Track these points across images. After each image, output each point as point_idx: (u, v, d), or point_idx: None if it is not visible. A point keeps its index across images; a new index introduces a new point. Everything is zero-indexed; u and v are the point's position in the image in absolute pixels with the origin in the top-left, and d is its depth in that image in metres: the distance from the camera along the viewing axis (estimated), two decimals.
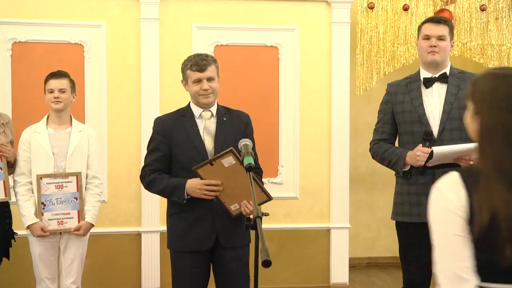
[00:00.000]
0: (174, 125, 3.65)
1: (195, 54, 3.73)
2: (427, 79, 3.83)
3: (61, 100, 4.20)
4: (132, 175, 5.48)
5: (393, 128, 3.92)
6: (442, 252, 1.89)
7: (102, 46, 5.51)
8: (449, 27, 3.82)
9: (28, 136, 4.24)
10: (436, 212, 1.93)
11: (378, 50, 5.87)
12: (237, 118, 3.72)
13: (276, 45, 5.71)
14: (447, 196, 1.91)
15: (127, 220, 5.56)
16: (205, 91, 3.63)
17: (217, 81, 3.68)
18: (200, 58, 3.64)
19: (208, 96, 3.65)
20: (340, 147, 5.76)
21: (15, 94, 5.37)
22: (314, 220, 5.77)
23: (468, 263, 1.86)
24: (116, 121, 5.54)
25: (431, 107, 3.79)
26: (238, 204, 3.47)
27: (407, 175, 3.78)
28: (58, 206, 4.18)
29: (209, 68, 3.62)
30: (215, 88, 3.65)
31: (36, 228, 4.14)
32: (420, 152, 3.64)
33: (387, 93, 3.97)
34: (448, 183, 1.94)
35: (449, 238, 1.87)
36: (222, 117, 3.68)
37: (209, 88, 3.63)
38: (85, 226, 4.22)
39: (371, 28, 5.85)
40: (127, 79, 5.55)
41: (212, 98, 3.67)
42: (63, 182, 4.17)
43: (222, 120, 3.67)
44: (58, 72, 4.26)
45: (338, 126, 5.76)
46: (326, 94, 5.77)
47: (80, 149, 4.25)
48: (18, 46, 5.39)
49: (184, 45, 5.59)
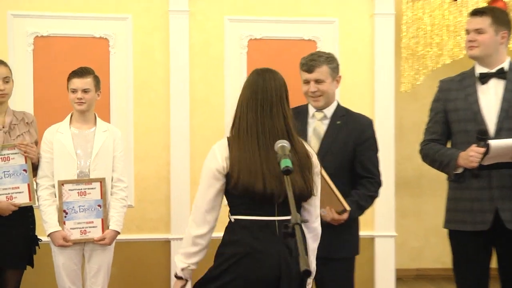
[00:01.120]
0: None
1: (315, 51, 3.74)
2: (483, 75, 3.74)
3: (85, 101, 4.22)
4: (160, 178, 5.48)
5: (445, 127, 3.86)
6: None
7: (128, 40, 5.50)
8: (493, 18, 3.69)
9: (51, 136, 4.25)
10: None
11: (425, 43, 5.79)
12: (353, 123, 3.72)
13: (313, 38, 5.67)
14: None
15: (155, 226, 5.55)
16: (312, 94, 3.65)
17: (330, 83, 3.66)
18: (311, 58, 3.66)
19: (317, 100, 3.68)
20: (384, 149, 5.62)
21: (37, 91, 5.39)
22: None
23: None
24: (143, 120, 5.53)
25: (487, 104, 3.70)
26: (325, 210, 3.52)
27: (460, 179, 3.71)
28: (81, 214, 4.19)
29: (317, 70, 3.63)
30: (324, 90, 3.65)
31: (57, 237, 4.14)
32: (473, 153, 3.54)
33: (439, 90, 3.91)
34: None
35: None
36: (336, 120, 3.68)
37: (316, 91, 3.63)
38: (110, 235, 4.22)
39: (417, 20, 5.78)
40: (155, 75, 5.55)
41: (322, 102, 3.67)
42: (86, 189, 4.17)
43: (335, 123, 3.67)
44: (81, 70, 4.26)
45: (381, 126, 5.66)
46: (368, 91, 5.73)
47: (105, 150, 4.25)
48: (40, 41, 5.41)
49: (215, 39, 5.58)
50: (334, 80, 3.71)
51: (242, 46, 5.56)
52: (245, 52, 5.59)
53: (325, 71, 3.65)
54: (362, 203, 3.67)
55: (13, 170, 4.16)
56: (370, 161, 3.75)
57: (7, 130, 4.21)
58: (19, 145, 4.15)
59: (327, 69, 3.66)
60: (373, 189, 3.73)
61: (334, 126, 3.68)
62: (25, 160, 4.16)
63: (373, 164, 3.77)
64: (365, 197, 3.69)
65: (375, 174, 3.74)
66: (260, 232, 2.85)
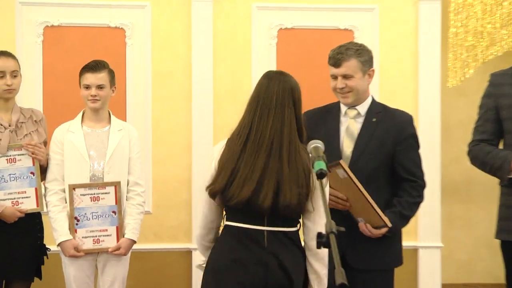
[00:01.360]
0: (317, 121, 3.69)
1: (344, 43, 3.68)
2: None
3: (99, 98, 4.21)
4: (181, 182, 5.50)
5: (497, 126, 3.83)
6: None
7: (146, 30, 5.52)
8: None
9: (61, 135, 4.25)
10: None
11: (475, 33, 5.73)
12: (391, 120, 3.67)
13: (351, 28, 5.67)
14: None
15: (175, 234, 5.56)
16: (340, 90, 3.62)
17: (360, 78, 3.62)
18: (338, 51, 3.62)
19: (345, 96, 3.64)
20: (429, 150, 5.64)
21: (46, 86, 5.43)
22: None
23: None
24: (163, 118, 5.55)
25: None
26: (363, 219, 3.53)
27: None
28: (94, 222, 4.17)
29: (345, 64, 3.58)
30: (353, 87, 3.61)
31: (68, 246, 4.12)
32: None
33: (490, 84, 3.89)
34: None
35: None
36: (371, 117, 3.64)
37: (344, 87, 3.59)
38: (125, 244, 4.20)
39: (466, 7, 5.71)
40: (176, 68, 5.56)
41: (351, 98, 3.63)
42: (100, 194, 4.16)
43: (370, 120, 3.64)
44: (95, 64, 4.25)
45: (426, 124, 5.69)
46: (411, 86, 5.72)
47: (120, 151, 4.24)
48: (50, 31, 5.44)
49: (242, 28, 5.59)
50: (365, 75, 3.65)
51: (271, 36, 5.56)
52: (275, 43, 5.57)
53: (353, 65, 3.59)
54: (406, 212, 3.60)
55: (19, 173, 4.16)
56: (412, 162, 3.68)
57: (14, 129, 4.21)
58: (26, 146, 4.14)
59: (356, 63, 3.59)
60: (416, 194, 3.66)
61: (370, 124, 3.64)
62: (32, 162, 4.16)
63: (415, 164, 3.69)
64: (409, 205, 3.61)
65: (417, 176, 3.68)
66: (246, 240, 3.02)
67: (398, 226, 3.60)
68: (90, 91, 4.19)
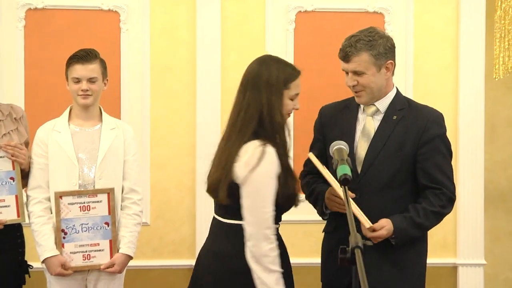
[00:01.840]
0: (333, 118, 3.76)
1: (356, 32, 3.68)
2: None
3: (91, 93, 4.22)
4: (184, 189, 5.52)
5: None
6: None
7: (144, 13, 5.53)
8: None
9: (45, 135, 4.26)
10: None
11: None
12: (414, 118, 3.65)
13: (381, 10, 5.67)
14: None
15: (177, 249, 5.56)
16: (353, 88, 3.64)
17: (373, 74, 3.61)
18: (347, 43, 3.62)
19: (359, 95, 3.66)
20: (471, 154, 5.70)
21: (28, 79, 5.44)
22: (435, 253, 5.61)
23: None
24: (163, 116, 5.56)
25: None
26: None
27: None
28: (84, 235, 4.18)
29: (354, 59, 3.58)
30: (365, 85, 3.61)
31: (54, 263, 4.13)
32: None
33: None
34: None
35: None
36: (392, 115, 3.64)
37: (356, 84, 3.61)
38: (120, 260, 4.20)
39: None
40: (178, 58, 5.57)
41: (365, 98, 3.65)
42: (90, 202, 4.17)
43: (390, 118, 3.63)
44: (85, 54, 4.24)
45: (468, 123, 5.70)
46: (451, 78, 5.72)
47: (113, 153, 4.25)
48: (33, 15, 5.46)
49: (254, 11, 5.59)
50: (381, 69, 3.63)
51: (288, 21, 5.56)
52: (292, 29, 5.58)
53: (364, 60, 3.58)
54: (419, 220, 3.56)
55: None
56: (436, 167, 3.64)
57: None
58: (5, 147, 4.15)
59: (367, 58, 3.58)
60: (438, 203, 3.61)
61: (389, 123, 3.63)
62: (12, 166, 4.16)
63: (441, 170, 3.65)
64: (425, 212, 3.58)
65: (443, 184, 3.63)
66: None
67: (406, 232, 3.55)
68: (80, 85, 4.19)
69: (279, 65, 3.42)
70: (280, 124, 3.34)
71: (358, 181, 3.59)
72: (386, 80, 3.67)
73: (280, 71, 3.39)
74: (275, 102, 3.33)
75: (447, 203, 3.63)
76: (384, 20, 5.62)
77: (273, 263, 3.25)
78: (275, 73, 3.37)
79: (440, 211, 3.61)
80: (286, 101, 3.38)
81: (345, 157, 3.01)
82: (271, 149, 3.26)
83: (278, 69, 3.40)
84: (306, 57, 5.45)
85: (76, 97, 4.23)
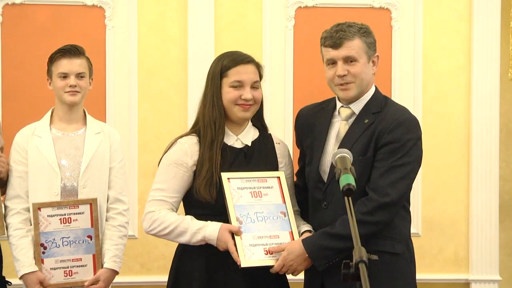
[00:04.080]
0: (309, 122, 3.74)
1: (342, 22, 3.63)
2: None
3: (79, 90, 4.20)
4: None
5: None
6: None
7: (131, 9, 5.54)
8: None
9: (24, 141, 4.24)
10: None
11: None
12: (381, 121, 3.54)
13: (387, 6, 5.70)
14: None
15: (167, 264, 5.49)
16: (340, 79, 3.55)
17: (365, 63, 3.56)
18: (337, 29, 3.55)
19: (347, 88, 3.57)
20: (485, 160, 5.71)
21: (6, 78, 5.45)
22: (446, 269, 5.75)
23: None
24: (151, 120, 5.58)
25: None
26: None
27: None
28: (65, 249, 4.16)
29: (347, 44, 3.52)
30: (357, 74, 3.55)
31: (33, 280, 4.11)
32: None
33: None
34: None
35: None
36: (364, 118, 3.57)
37: (346, 74, 3.54)
38: (105, 276, 4.20)
39: None
40: (168, 57, 5.59)
41: (354, 91, 3.57)
42: (71, 214, 4.15)
43: (362, 122, 3.56)
44: (72, 48, 4.23)
45: (481, 127, 5.72)
46: (463, 78, 5.73)
47: (98, 160, 4.24)
48: (11, 10, 5.47)
49: (251, 6, 5.61)
50: (369, 61, 3.59)
51: (287, 17, 5.58)
52: (292, 26, 5.61)
53: (358, 45, 3.52)
54: (334, 230, 3.45)
55: None
56: (381, 172, 3.49)
57: None
58: None
59: (360, 44, 3.53)
60: (360, 210, 3.44)
61: (358, 127, 3.55)
62: None
63: (383, 176, 3.49)
64: (343, 221, 3.43)
65: (377, 190, 3.47)
66: None
67: (319, 246, 3.46)
68: (67, 81, 4.17)
69: (223, 56, 3.68)
70: (212, 117, 3.66)
71: (324, 191, 3.55)
72: (371, 76, 3.63)
73: (220, 62, 3.67)
74: (214, 94, 3.68)
75: (373, 209, 3.46)
76: (390, 16, 5.65)
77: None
78: (214, 65, 3.72)
79: (361, 219, 3.35)
80: (226, 88, 3.62)
81: (348, 166, 2.96)
82: (184, 141, 3.80)
83: (220, 59, 3.69)
84: (306, 57, 5.45)
85: (62, 94, 4.20)
